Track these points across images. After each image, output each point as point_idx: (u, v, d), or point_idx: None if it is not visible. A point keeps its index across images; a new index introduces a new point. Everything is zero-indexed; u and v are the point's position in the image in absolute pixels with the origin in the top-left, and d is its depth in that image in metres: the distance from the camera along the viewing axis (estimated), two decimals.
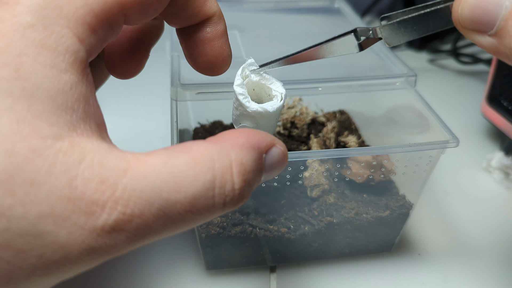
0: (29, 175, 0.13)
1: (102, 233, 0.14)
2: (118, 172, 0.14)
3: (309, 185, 0.32)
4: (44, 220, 0.13)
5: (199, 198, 0.15)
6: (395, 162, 0.32)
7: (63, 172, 0.14)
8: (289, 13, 0.50)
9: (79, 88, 0.15)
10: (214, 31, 0.22)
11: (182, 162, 0.15)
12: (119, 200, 0.14)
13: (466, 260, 0.37)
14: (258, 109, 0.22)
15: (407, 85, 0.34)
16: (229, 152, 0.16)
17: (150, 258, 0.36)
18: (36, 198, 0.13)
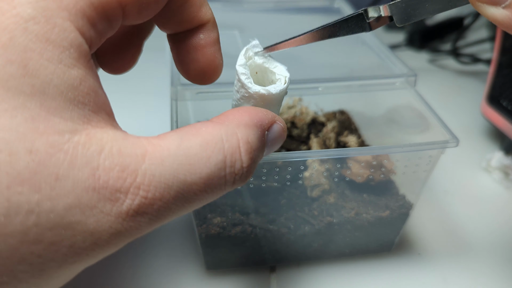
0: (53, 170, 0.13)
1: (127, 217, 0.15)
2: (136, 158, 0.15)
3: (309, 185, 0.32)
4: (72, 212, 0.14)
5: (212, 178, 0.17)
6: (395, 162, 0.32)
7: (84, 164, 0.14)
8: (289, 13, 0.50)
9: (87, 81, 0.15)
10: (208, 38, 0.21)
11: (195, 144, 0.16)
12: (140, 186, 0.15)
13: (466, 260, 0.37)
14: (261, 91, 0.22)
15: (407, 85, 0.34)
16: (235, 132, 0.18)
17: (150, 258, 0.36)
18: (62, 191, 0.14)
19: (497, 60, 0.47)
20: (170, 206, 0.16)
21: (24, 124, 0.13)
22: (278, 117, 0.21)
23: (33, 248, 0.13)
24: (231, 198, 0.31)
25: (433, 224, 0.40)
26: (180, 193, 0.16)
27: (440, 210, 0.42)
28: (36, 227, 0.13)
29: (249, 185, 0.30)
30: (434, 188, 0.44)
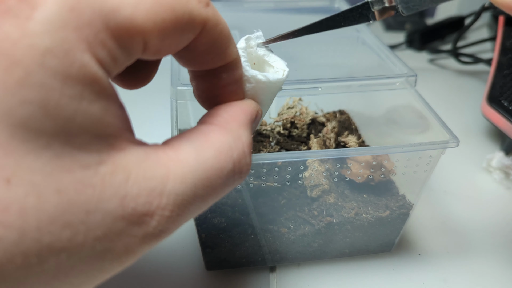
0: (83, 207, 0.14)
1: (152, 237, 0.15)
2: (162, 180, 0.15)
3: (309, 185, 0.32)
4: (101, 242, 0.14)
5: (223, 188, 0.18)
6: (395, 162, 0.32)
7: (113, 195, 0.14)
8: (289, 13, 0.50)
9: (110, 111, 0.15)
10: (231, 77, 0.20)
11: (210, 155, 0.17)
12: (166, 207, 0.15)
13: (466, 260, 0.37)
14: (258, 75, 0.21)
15: (407, 85, 0.34)
16: (240, 136, 0.18)
17: (150, 258, 0.36)
18: (93, 225, 0.14)
19: (497, 60, 0.47)
20: (188, 217, 0.17)
21: (49, 163, 0.13)
22: (256, 104, 0.21)
23: (66, 280, 0.14)
24: (231, 198, 0.31)
25: (433, 224, 0.40)
26: (197, 205, 0.17)
27: (440, 210, 0.42)
28: (69, 261, 0.14)
29: (249, 185, 0.30)
30: (434, 188, 0.44)
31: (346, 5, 0.48)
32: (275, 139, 0.40)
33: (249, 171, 0.19)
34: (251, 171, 0.29)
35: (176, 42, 0.17)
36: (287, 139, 0.40)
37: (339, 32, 0.25)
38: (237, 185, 0.19)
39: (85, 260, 0.14)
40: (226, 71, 0.20)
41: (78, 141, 0.14)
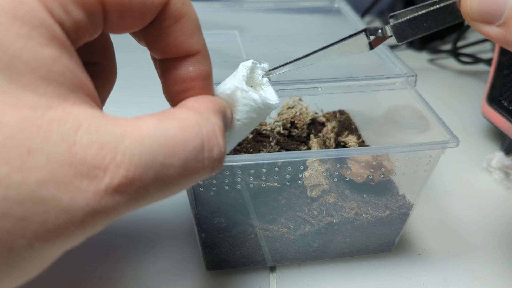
0: (24, 144, 0.13)
1: (105, 195, 0.14)
2: (116, 137, 0.15)
3: (309, 185, 0.32)
4: (45, 186, 0.13)
5: (190, 162, 0.16)
6: (395, 162, 0.32)
7: (60, 140, 0.13)
8: (289, 13, 0.50)
9: (62, 61, 0.15)
10: (198, 71, 0.20)
11: (173, 126, 0.16)
12: (121, 164, 0.14)
13: (466, 260, 0.37)
14: (250, 91, 0.21)
15: (407, 85, 0.34)
16: (209, 117, 0.18)
17: (150, 258, 0.36)
18: (34, 165, 0.13)
19: (497, 60, 0.47)
20: (149, 188, 0.15)
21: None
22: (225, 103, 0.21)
23: (1, 223, 0.13)
24: (231, 198, 0.31)
25: (433, 224, 0.40)
26: (159, 175, 0.15)
27: (440, 210, 0.42)
28: (4, 201, 0.13)
29: (249, 185, 0.30)
30: (434, 188, 0.44)
31: (346, 5, 0.48)
32: (275, 139, 0.40)
33: (223, 159, 0.18)
34: (251, 171, 0.29)
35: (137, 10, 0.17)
36: (287, 139, 0.40)
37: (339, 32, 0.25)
38: (211, 170, 0.18)
39: (25, 204, 0.13)
40: (193, 64, 0.20)
41: (24, 80, 0.13)
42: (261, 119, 0.23)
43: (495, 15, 0.19)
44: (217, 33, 0.22)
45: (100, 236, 0.37)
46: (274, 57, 0.25)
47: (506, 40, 0.19)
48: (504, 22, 0.19)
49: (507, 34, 0.19)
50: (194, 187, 0.29)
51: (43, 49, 0.14)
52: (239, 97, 0.22)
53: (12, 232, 0.13)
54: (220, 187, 0.29)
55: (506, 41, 0.19)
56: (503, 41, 0.19)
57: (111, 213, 0.15)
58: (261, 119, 0.23)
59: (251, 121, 0.22)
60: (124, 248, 0.37)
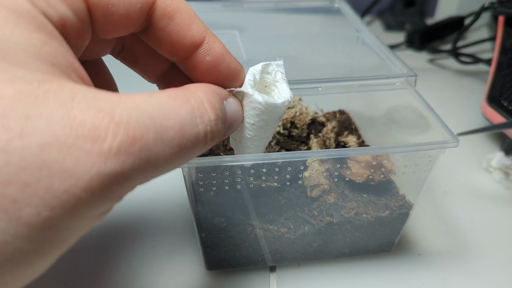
0: (23, 112, 0.13)
1: (109, 156, 0.14)
2: (111, 103, 0.15)
3: (309, 185, 0.32)
4: (47, 150, 0.13)
5: (186, 125, 0.17)
6: (395, 162, 0.32)
7: (58, 106, 0.14)
8: (289, 13, 0.50)
9: (52, 45, 0.15)
10: (214, 55, 0.21)
11: (163, 96, 0.17)
12: (120, 124, 0.14)
13: (466, 260, 0.37)
14: (255, 95, 0.22)
15: (407, 85, 0.34)
16: (197, 92, 0.18)
17: (150, 258, 0.36)
18: (35, 130, 0.13)
19: (497, 60, 0.47)
20: (152, 148, 0.15)
21: None
22: (235, 95, 0.22)
23: (6, 191, 0.12)
24: (231, 198, 0.31)
25: (433, 224, 0.40)
26: (160, 136, 0.16)
27: (440, 210, 0.42)
28: (7, 167, 0.12)
29: (249, 185, 0.30)
30: (434, 188, 0.44)
31: (346, 5, 0.48)
32: (275, 139, 0.40)
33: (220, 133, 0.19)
34: (251, 171, 0.29)
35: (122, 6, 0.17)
36: (287, 139, 0.40)
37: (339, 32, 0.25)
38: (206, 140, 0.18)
39: (29, 169, 0.13)
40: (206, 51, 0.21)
41: (17, 58, 0.14)
42: (276, 118, 0.23)
43: None
44: (217, 33, 0.22)
45: (100, 236, 0.37)
46: (274, 57, 0.25)
47: None
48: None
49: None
50: (194, 187, 0.29)
51: (32, 33, 0.14)
52: (246, 101, 0.22)
53: (18, 200, 0.13)
54: (220, 187, 0.29)
55: None
56: None
57: (120, 179, 0.15)
58: (276, 118, 0.23)
59: (266, 122, 0.23)
60: (124, 248, 0.37)
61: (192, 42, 0.20)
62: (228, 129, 0.21)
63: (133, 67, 0.24)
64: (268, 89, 0.24)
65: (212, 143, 0.19)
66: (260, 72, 0.23)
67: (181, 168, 0.26)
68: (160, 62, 0.24)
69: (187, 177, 0.28)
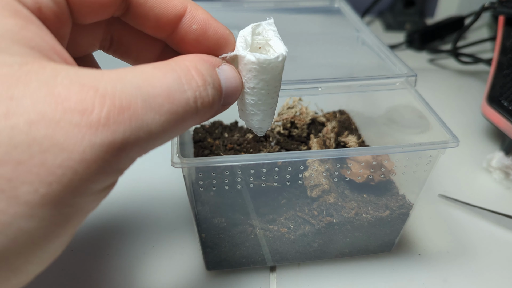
0: (6, 93, 0.13)
1: (99, 126, 0.14)
2: (95, 77, 0.15)
3: (309, 185, 0.32)
4: (35, 127, 0.13)
5: (174, 91, 0.16)
6: (395, 162, 0.32)
7: (41, 85, 0.14)
8: (289, 13, 0.50)
9: (30, 28, 0.15)
10: (200, 22, 0.21)
11: (148, 67, 0.17)
12: (105, 95, 0.14)
13: (466, 260, 0.37)
14: (248, 55, 0.21)
15: (407, 85, 0.34)
16: (183, 61, 0.18)
17: (150, 258, 0.36)
18: (20, 109, 0.13)
19: (497, 60, 0.47)
20: (142, 116, 0.15)
21: None
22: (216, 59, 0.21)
23: (0, 171, 0.13)
24: (231, 198, 0.31)
25: (433, 224, 0.40)
26: (148, 103, 0.15)
27: (440, 210, 0.42)
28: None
29: (249, 185, 0.30)
30: (434, 188, 0.44)
31: (346, 5, 0.48)
32: (275, 139, 0.40)
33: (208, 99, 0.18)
34: (251, 171, 0.29)
35: None
36: (287, 139, 0.40)
37: (339, 32, 0.25)
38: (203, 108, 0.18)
39: (20, 147, 0.13)
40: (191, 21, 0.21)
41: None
42: (275, 76, 0.22)
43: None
44: None
45: (100, 236, 0.37)
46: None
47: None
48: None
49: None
50: (194, 187, 0.29)
51: (6, 19, 0.14)
52: (242, 66, 0.21)
53: (13, 179, 0.13)
54: (220, 187, 0.29)
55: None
56: None
57: (114, 149, 0.15)
58: (275, 77, 0.22)
59: (266, 83, 0.22)
60: (124, 248, 0.37)
61: (175, 12, 0.20)
62: (227, 97, 0.20)
63: (126, 59, 0.24)
64: (263, 50, 0.24)
65: (206, 110, 0.18)
66: (251, 34, 0.22)
67: (181, 168, 0.26)
68: (152, 46, 0.24)
69: (187, 177, 0.28)
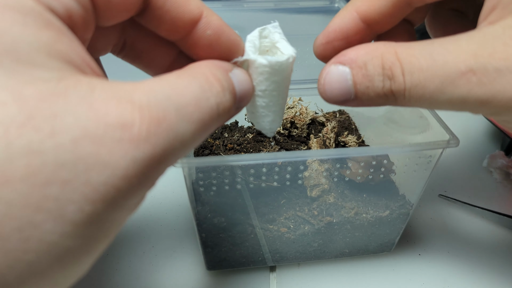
0: (49, 111, 0.13)
1: (141, 140, 0.14)
2: (128, 91, 0.15)
3: (309, 185, 0.32)
4: (80, 144, 0.13)
5: (200, 99, 0.17)
6: (395, 162, 0.32)
7: (80, 101, 0.14)
8: (289, 13, 0.50)
9: (64, 41, 0.15)
10: (214, 28, 0.21)
11: (171, 77, 0.17)
12: (142, 108, 0.15)
13: (466, 260, 0.37)
14: (259, 59, 0.21)
15: None
16: (201, 68, 0.19)
17: (150, 258, 0.36)
18: (65, 126, 0.13)
19: None
20: (177, 127, 0.16)
21: (4, 77, 0.13)
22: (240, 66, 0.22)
23: (47, 191, 0.13)
24: (231, 198, 0.31)
25: (433, 224, 0.40)
26: (180, 113, 0.16)
27: (440, 210, 0.42)
28: (44, 166, 0.12)
29: (249, 185, 0.30)
30: (434, 188, 0.44)
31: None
32: (275, 139, 0.40)
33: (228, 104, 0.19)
34: (251, 171, 0.29)
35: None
36: (287, 139, 0.40)
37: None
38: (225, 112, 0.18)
39: (65, 166, 0.13)
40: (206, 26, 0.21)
41: (31, 58, 0.14)
42: (286, 77, 0.23)
43: (346, 98, 0.22)
44: None
45: None
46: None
47: (363, 105, 0.22)
48: (355, 97, 0.21)
49: (360, 104, 0.22)
50: (194, 186, 0.29)
51: (41, 32, 0.14)
52: (252, 69, 0.22)
53: (60, 198, 0.13)
54: (220, 187, 0.29)
55: (363, 105, 0.22)
56: (360, 106, 0.22)
57: (154, 162, 0.15)
58: (286, 78, 0.23)
59: (277, 84, 0.22)
60: (124, 248, 0.37)
61: (191, 17, 0.20)
62: (240, 101, 0.21)
63: (136, 63, 0.25)
64: (270, 53, 0.24)
65: (225, 115, 0.19)
66: (258, 37, 0.23)
67: (181, 168, 0.26)
68: (165, 54, 0.24)
69: (187, 177, 0.28)
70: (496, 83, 0.18)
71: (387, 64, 0.20)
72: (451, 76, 0.18)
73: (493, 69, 0.18)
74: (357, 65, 0.21)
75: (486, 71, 0.18)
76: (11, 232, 0.12)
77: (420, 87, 0.19)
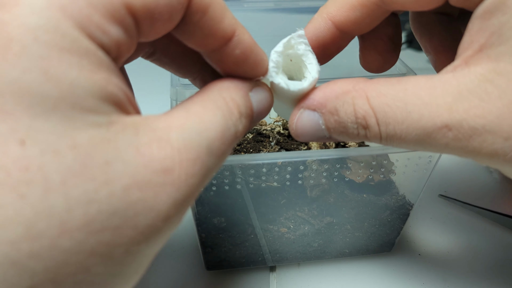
0: (101, 158, 0.14)
1: (181, 183, 0.15)
2: (165, 130, 0.16)
3: (309, 185, 0.32)
4: (130, 191, 0.14)
5: (224, 131, 0.18)
6: (395, 162, 0.32)
7: (127, 146, 0.15)
8: (289, 13, 0.50)
9: (113, 81, 0.15)
10: (243, 48, 0.21)
11: (197, 108, 0.18)
12: (180, 150, 0.16)
13: (466, 260, 0.37)
14: (281, 83, 0.21)
15: None
16: (221, 94, 0.19)
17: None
18: (116, 174, 0.14)
19: None
20: (207, 163, 0.17)
21: (60, 123, 0.13)
22: (263, 83, 0.22)
23: (101, 237, 0.13)
24: (231, 198, 0.31)
25: (433, 224, 0.40)
26: (209, 149, 0.17)
27: (440, 210, 0.42)
28: (99, 215, 0.13)
29: (249, 185, 0.30)
30: (434, 188, 0.44)
31: None
32: (275, 139, 0.40)
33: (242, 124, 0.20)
34: (251, 171, 0.29)
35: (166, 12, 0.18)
36: (287, 139, 0.40)
37: None
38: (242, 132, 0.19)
39: (118, 213, 0.14)
40: (237, 45, 0.21)
41: (86, 104, 0.14)
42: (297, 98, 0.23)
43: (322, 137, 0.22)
44: None
45: None
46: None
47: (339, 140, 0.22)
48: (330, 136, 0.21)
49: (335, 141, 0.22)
50: None
51: (95, 74, 0.15)
52: (274, 85, 0.22)
53: (110, 243, 0.14)
54: (220, 187, 0.29)
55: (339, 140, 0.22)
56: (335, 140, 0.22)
57: (188, 198, 0.16)
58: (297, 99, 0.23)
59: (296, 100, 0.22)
60: None
61: (223, 35, 0.20)
62: (257, 117, 0.21)
63: (167, 68, 0.25)
64: (294, 63, 0.24)
65: (240, 138, 0.20)
66: (282, 53, 0.23)
67: None
68: (195, 60, 0.24)
69: None
70: (472, 141, 0.18)
71: (360, 113, 0.20)
72: (428, 130, 0.19)
73: (468, 127, 0.18)
74: (327, 110, 0.21)
75: (461, 127, 0.18)
76: (66, 277, 0.13)
77: (397, 137, 0.19)
